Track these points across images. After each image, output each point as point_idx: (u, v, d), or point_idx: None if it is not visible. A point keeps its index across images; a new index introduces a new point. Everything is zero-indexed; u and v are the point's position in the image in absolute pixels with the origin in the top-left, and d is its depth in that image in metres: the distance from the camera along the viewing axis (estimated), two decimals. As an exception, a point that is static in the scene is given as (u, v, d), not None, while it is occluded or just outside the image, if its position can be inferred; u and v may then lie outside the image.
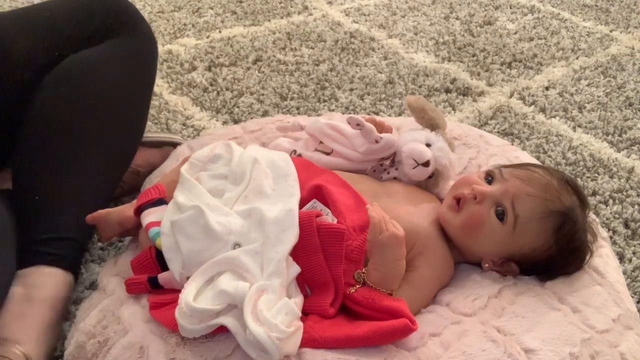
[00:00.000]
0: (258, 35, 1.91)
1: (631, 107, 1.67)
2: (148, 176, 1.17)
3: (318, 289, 0.84)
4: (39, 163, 1.03)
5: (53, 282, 0.96)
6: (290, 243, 0.82)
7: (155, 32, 1.88)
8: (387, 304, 0.80)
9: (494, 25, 2.07)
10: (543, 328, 0.83)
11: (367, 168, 1.03)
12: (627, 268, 1.17)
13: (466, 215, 0.92)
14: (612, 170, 1.42)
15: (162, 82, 1.65)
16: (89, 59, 1.10)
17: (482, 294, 0.88)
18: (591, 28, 2.09)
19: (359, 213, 0.88)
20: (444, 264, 0.93)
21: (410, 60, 1.83)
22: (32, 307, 0.92)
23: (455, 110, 1.62)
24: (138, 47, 1.16)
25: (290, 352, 0.75)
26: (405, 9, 2.15)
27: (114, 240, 1.14)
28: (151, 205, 0.92)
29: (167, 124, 1.49)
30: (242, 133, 1.20)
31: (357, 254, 0.84)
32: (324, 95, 1.64)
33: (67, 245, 0.99)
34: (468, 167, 1.14)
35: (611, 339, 0.85)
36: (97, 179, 1.06)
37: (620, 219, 1.29)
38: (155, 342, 0.79)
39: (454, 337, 0.81)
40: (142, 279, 0.87)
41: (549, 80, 1.78)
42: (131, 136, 1.16)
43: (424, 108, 1.06)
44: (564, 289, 0.91)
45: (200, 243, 0.83)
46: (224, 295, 0.77)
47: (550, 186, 0.92)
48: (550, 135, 1.53)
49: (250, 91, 1.63)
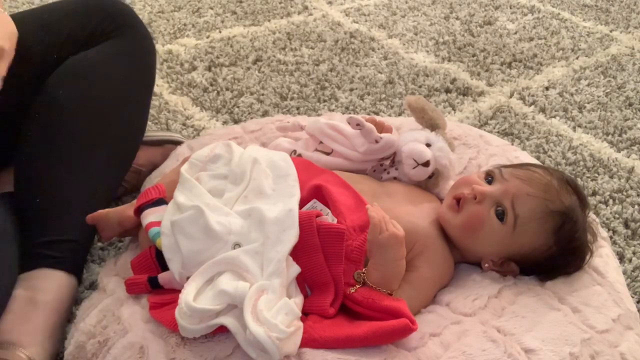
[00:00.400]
0: (258, 35, 1.91)
1: (631, 107, 1.67)
2: (148, 176, 1.18)
3: (318, 289, 0.84)
4: (40, 165, 1.03)
5: (56, 285, 0.96)
6: (290, 243, 0.82)
7: (155, 32, 1.89)
8: (387, 304, 0.80)
9: (494, 25, 2.07)
10: (543, 328, 0.83)
11: (367, 168, 1.03)
12: (627, 268, 1.17)
13: (466, 215, 0.92)
14: (612, 170, 1.42)
15: (162, 82, 1.65)
16: (88, 60, 1.10)
17: (482, 294, 0.88)
18: (591, 28, 2.09)
19: (359, 213, 0.88)
20: (444, 264, 0.93)
21: (410, 60, 1.83)
22: (36, 310, 0.92)
23: (455, 110, 1.62)
24: (136, 47, 1.16)
25: (290, 352, 0.75)
26: (405, 9, 2.15)
27: (114, 240, 1.14)
28: (151, 205, 0.92)
29: (167, 124, 1.49)
30: (242, 133, 1.20)
31: (357, 254, 0.84)
32: (324, 95, 1.64)
33: (69, 248, 0.99)
34: (468, 167, 1.14)
35: (611, 339, 0.85)
36: (99, 181, 1.06)
37: (620, 219, 1.29)
38: (155, 342, 0.79)
39: (454, 337, 0.81)
40: (142, 279, 0.87)
41: (549, 80, 1.78)
42: (132, 137, 1.16)
43: (424, 108, 1.06)
44: (564, 289, 0.91)
45: (200, 243, 0.83)
46: (224, 295, 0.77)
47: (550, 186, 0.92)
48: (550, 135, 1.53)
49: (250, 91, 1.63)
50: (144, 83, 1.19)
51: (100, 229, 0.98)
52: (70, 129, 1.05)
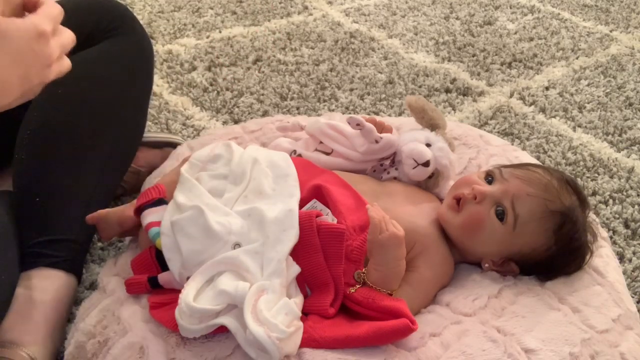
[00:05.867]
0: (258, 35, 1.91)
1: (631, 107, 1.67)
2: (148, 176, 1.17)
3: (318, 289, 0.84)
4: (39, 165, 1.03)
5: (55, 285, 0.96)
6: (291, 243, 0.82)
7: (155, 32, 1.89)
8: (387, 304, 0.80)
9: (494, 25, 2.07)
10: (543, 328, 0.83)
11: (367, 168, 1.03)
12: (627, 268, 1.17)
13: (466, 215, 0.92)
14: (612, 170, 1.42)
15: (162, 82, 1.65)
16: (87, 60, 1.10)
17: (482, 294, 0.88)
18: (591, 28, 2.09)
19: (359, 213, 0.88)
20: (444, 264, 0.93)
21: (410, 60, 1.83)
22: (36, 309, 0.92)
23: (455, 110, 1.62)
24: (133, 47, 1.16)
25: (290, 352, 0.75)
26: (405, 9, 2.15)
27: (114, 240, 1.14)
28: (151, 205, 0.92)
29: (167, 124, 1.49)
30: (242, 133, 1.20)
31: (357, 254, 0.84)
32: (324, 95, 1.64)
33: (68, 247, 0.99)
34: (468, 167, 1.14)
35: (611, 339, 0.85)
36: (98, 180, 1.06)
37: (620, 219, 1.29)
38: (155, 342, 0.79)
39: (454, 337, 0.81)
40: (142, 279, 0.87)
41: (549, 80, 1.78)
42: (131, 136, 1.16)
43: (424, 108, 1.06)
44: (564, 289, 0.91)
45: (200, 243, 0.83)
46: (224, 295, 0.77)
47: (550, 186, 0.92)
48: (550, 135, 1.53)
49: (250, 91, 1.63)
50: (143, 83, 1.19)
51: (100, 229, 0.98)
52: (69, 129, 1.05)
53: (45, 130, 1.04)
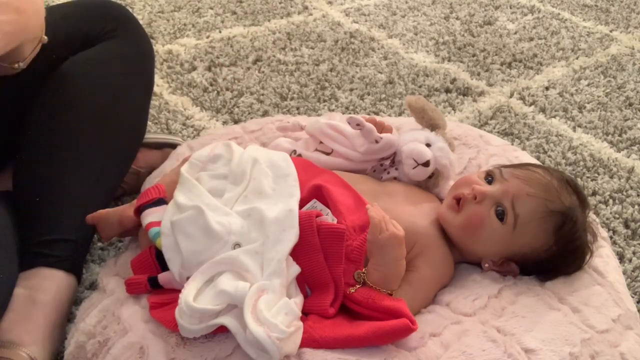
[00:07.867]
0: (258, 35, 1.91)
1: (631, 107, 1.67)
2: (148, 176, 1.17)
3: (318, 289, 0.84)
4: (39, 165, 1.03)
5: (55, 285, 0.96)
6: (291, 243, 0.82)
7: (155, 32, 1.89)
8: (387, 304, 0.80)
9: (494, 25, 2.07)
10: (543, 328, 0.83)
11: (367, 168, 1.03)
12: (627, 268, 1.17)
13: (466, 215, 0.92)
14: (612, 170, 1.42)
15: (162, 82, 1.65)
16: (87, 61, 1.10)
17: (482, 294, 0.88)
18: (591, 28, 2.09)
19: (359, 213, 0.88)
20: (444, 264, 0.93)
21: (410, 60, 1.83)
22: (36, 309, 0.92)
23: (455, 110, 1.62)
24: (134, 47, 1.17)
25: (290, 352, 0.75)
26: (405, 9, 2.15)
27: (114, 240, 1.14)
28: (151, 205, 0.92)
29: (167, 124, 1.49)
30: (242, 133, 1.20)
31: (357, 254, 0.84)
32: (324, 95, 1.64)
33: (68, 247, 0.99)
34: (468, 167, 1.14)
35: (611, 339, 0.85)
36: (98, 181, 1.06)
37: (620, 219, 1.29)
38: (155, 342, 0.79)
39: (454, 337, 0.81)
40: (142, 279, 0.87)
41: (549, 80, 1.78)
42: (131, 137, 1.16)
43: (424, 108, 1.06)
44: (564, 289, 0.91)
45: (200, 243, 0.83)
46: (224, 295, 0.77)
47: (550, 186, 0.92)
48: (550, 135, 1.53)
49: (250, 91, 1.63)
50: (143, 83, 1.19)
51: (100, 229, 0.98)
52: (69, 129, 1.05)
53: (46, 131, 1.05)
